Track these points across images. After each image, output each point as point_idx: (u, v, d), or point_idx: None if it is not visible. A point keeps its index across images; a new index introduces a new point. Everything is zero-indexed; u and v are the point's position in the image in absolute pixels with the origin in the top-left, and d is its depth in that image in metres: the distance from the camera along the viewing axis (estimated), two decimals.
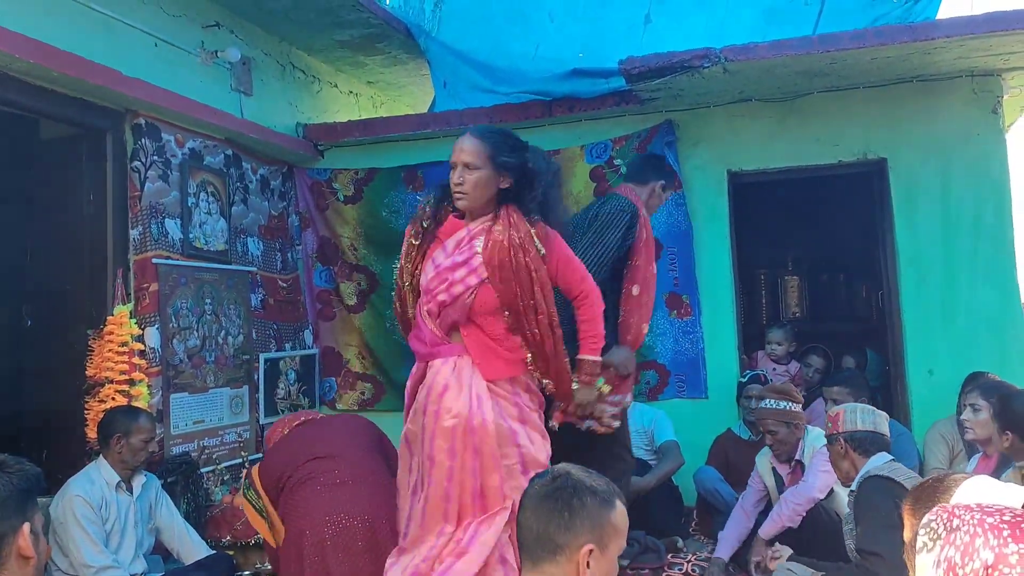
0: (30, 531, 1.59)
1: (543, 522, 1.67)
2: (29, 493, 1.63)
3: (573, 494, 1.68)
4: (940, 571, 1.08)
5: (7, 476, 1.60)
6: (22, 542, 1.57)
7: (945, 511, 1.15)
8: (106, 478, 3.54)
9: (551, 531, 1.67)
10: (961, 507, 1.15)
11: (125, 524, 3.57)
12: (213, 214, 4.72)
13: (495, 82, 5.29)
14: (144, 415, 3.68)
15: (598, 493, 1.70)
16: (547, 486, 1.72)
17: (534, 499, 1.72)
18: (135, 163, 4.24)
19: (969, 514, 1.12)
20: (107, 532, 3.49)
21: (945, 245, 4.69)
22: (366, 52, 5.71)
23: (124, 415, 3.65)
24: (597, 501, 1.69)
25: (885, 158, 4.82)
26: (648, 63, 4.36)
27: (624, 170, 5.08)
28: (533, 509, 1.71)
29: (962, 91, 4.70)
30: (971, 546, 1.07)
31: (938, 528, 1.13)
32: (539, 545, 1.67)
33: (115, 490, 3.55)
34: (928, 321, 4.71)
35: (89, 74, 3.83)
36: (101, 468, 3.56)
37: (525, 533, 1.72)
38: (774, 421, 3.88)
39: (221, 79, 4.85)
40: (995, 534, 1.07)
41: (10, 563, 1.56)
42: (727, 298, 4.99)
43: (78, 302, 4.22)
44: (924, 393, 4.66)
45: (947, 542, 1.10)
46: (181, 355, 4.40)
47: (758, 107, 4.95)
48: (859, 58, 4.27)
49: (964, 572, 1.06)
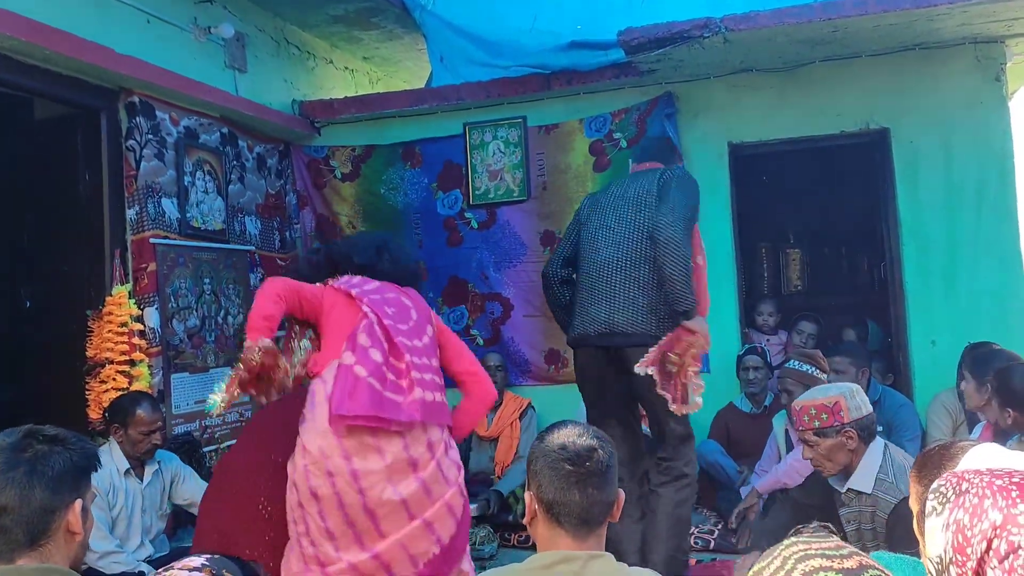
0: (81, 508, 1.63)
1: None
2: (85, 471, 1.67)
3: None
4: (949, 533, 1.08)
5: (68, 452, 1.64)
6: (72, 518, 1.61)
7: (954, 476, 1.15)
8: (116, 463, 3.50)
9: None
10: (970, 471, 1.14)
11: (132, 510, 3.55)
12: (210, 193, 4.68)
13: (492, 56, 5.24)
14: (144, 405, 3.53)
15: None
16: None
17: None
18: (130, 142, 4.20)
19: (978, 477, 1.11)
20: (114, 518, 3.48)
21: (947, 215, 4.66)
22: (361, 27, 5.65)
23: (126, 404, 3.55)
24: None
25: (888, 128, 4.78)
26: (647, 34, 4.31)
27: (624, 143, 5.05)
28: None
29: (965, 59, 4.64)
30: (980, 507, 1.06)
31: (947, 492, 1.13)
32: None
33: (124, 476, 3.51)
34: (930, 292, 4.68)
35: (81, 52, 3.79)
36: (112, 452, 3.50)
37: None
38: (794, 382, 3.90)
39: (215, 56, 4.80)
40: (1004, 495, 1.06)
41: (58, 537, 1.59)
42: (728, 271, 4.96)
43: (77, 283, 4.20)
44: (926, 364, 4.65)
45: (956, 505, 1.10)
46: (181, 335, 4.39)
47: (759, 78, 4.90)
48: (861, 26, 4.21)
49: (972, 533, 1.05)
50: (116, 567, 3.35)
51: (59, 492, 1.59)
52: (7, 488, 1.56)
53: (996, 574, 1.03)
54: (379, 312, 2.69)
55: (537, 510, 1.76)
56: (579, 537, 1.72)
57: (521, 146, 5.21)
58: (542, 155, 5.20)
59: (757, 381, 4.66)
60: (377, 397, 2.52)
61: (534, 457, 1.80)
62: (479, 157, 5.30)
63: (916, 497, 1.74)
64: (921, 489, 1.75)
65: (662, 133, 4.79)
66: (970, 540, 1.06)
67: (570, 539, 1.72)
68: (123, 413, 3.51)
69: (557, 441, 1.77)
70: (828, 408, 2.84)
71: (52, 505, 1.58)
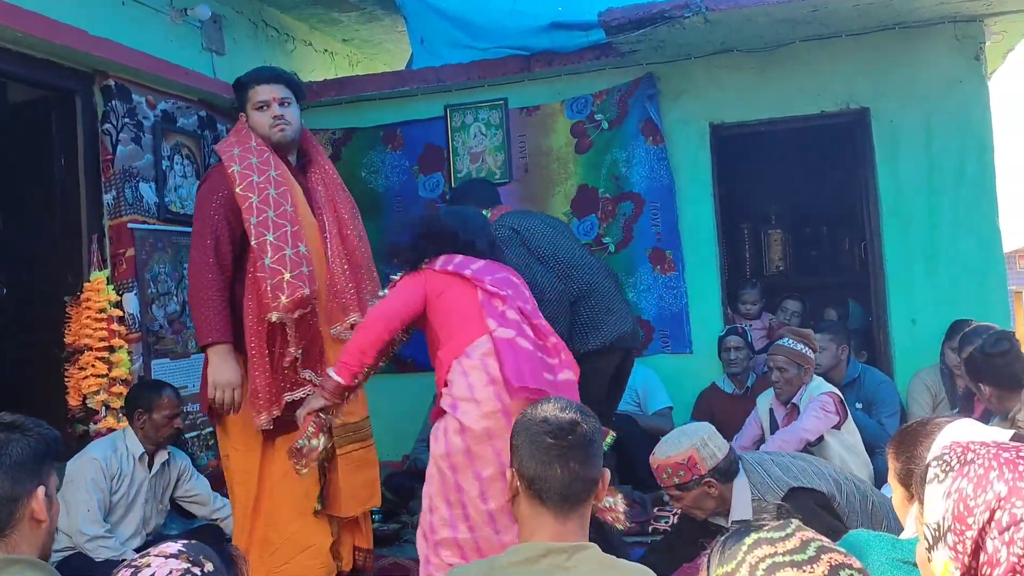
0: (44, 495, 1.60)
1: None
2: (45, 456, 1.63)
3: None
4: (950, 501, 1.08)
5: (25, 438, 1.61)
6: (35, 505, 1.58)
7: (959, 445, 1.14)
8: (130, 448, 3.55)
9: None
10: (976, 442, 1.14)
11: (134, 498, 3.57)
12: (188, 177, 4.63)
13: (473, 37, 5.19)
14: (168, 391, 3.63)
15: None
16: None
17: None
18: (106, 125, 4.14)
19: (984, 448, 1.11)
20: (113, 503, 3.50)
21: (928, 194, 4.68)
22: (340, 8, 5.60)
23: (148, 390, 3.65)
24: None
25: (868, 107, 4.79)
26: (628, 15, 4.29)
27: (605, 125, 5.04)
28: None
29: (944, 37, 4.65)
30: (985, 478, 1.06)
31: (951, 461, 1.12)
32: None
33: (135, 462, 3.55)
34: (911, 271, 4.71)
35: (54, 34, 3.73)
36: (127, 437, 3.57)
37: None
38: (786, 359, 3.90)
39: (192, 38, 4.74)
40: (1010, 468, 1.06)
41: (22, 525, 1.57)
42: (710, 253, 4.97)
43: (54, 269, 4.16)
44: (907, 343, 4.68)
45: (960, 474, 1.09)
46: (161, 321, 4.36)
47: (740, 58, 4.89)
48: (841, 4, 4.21)
49: (976, 503, 1.05)
50: (104, 551, 3.36)
51: (19, 480, 1.56)
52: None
53: (996, 544, 1.03)
54: (503, 291, 2.64)
55: (519, 487, 1.72)
56: (561, 515, 1.67)
57: (502, 128, 5.19)
58: (523, 137, 5.18)
59: (739, 361, 4.68)
60: (541, 371, 2.51)
61: (516, 432, 1.76)
62: (460, 140, 5.26)
63: (894, 472, 1.76)
64: (899, 465, 1.77)
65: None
66: (972, 510, 1.06)
67: (551, 518, 1.67)
68: (147, 399, 3.58)
69: (539, 415, 1.73)
70: (683, 464, 2.75)
71: (13, 494, 1.55)
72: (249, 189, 2.95)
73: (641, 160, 4.98)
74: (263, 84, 3.10)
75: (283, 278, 2.87)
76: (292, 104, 3.16)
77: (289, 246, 2.91)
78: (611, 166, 5.04)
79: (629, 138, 4.99)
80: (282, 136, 3.08)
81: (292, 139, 3.13)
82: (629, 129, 4.99)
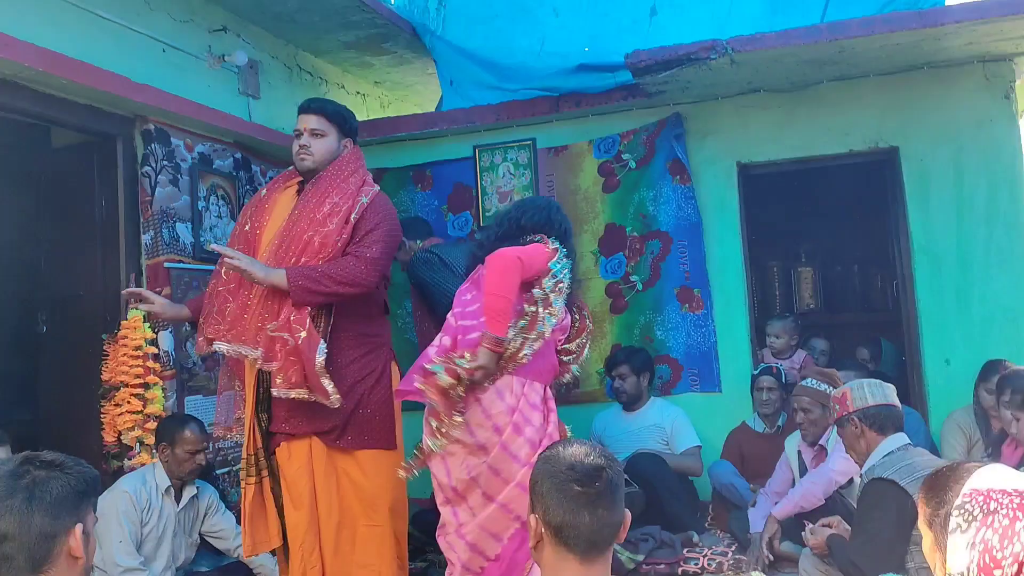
0: (82, 532, 1.64)
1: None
2: (84, 495, 1.68)
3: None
4: (975, 552, 1.07)
5: (65, 476, 1.65)
6: (73, 542, 1.62)
7: (980, 493, 1.13)
8: (158, 481, 3.59)
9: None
10: (997, 490, 1.12)
11: (163, 532, 3.60)
12: (223, 217, 4.73)
13: (501, 79, 5.29)
14: (192, 426, 3.67)
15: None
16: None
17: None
18: (145, 168, 4.26)
19: (1007, 498, 1.10)
20: (144, 536, 3.53)
21: (959, 233, 4.65)
22: (372, 52, 5.72)
23: (172, 424, 3.69)
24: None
25: (897, 146, 4.78)
26: (654, 56, 4.34)
27: (633, 164, 5.08)
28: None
29: (974, 77, 4.65)
30: (1011, 529, 1.05)
31: (973, 510, 1.11)
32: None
33: (163, 496, 3.59)
34: (943, 310, 4.66)
35: (98, 81, 3.85)
36: (156, 470, 3.62)
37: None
38: (811, 400, 3.88)
39: (229, 83, 4.87)
40: None
41: (60, 562, 1.60)
42: (739, 291, 4.96)
43: (92, 307, 4.25)
44: (941, 383, 4.62)
45: (984, 524, 1.08)
46: (195, 358, 4.43)
47: (767, 97, 4.92)
48: (868, 46, 4.23)
49: (1003, 555, 1.04)
50: None
51: (59, 517, 1.60)
52: (6, 515, 1.57)
53: None
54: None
55: (544, 534, 1.69)
56: (587, 560, 1.66)
57: (531, 168, 5.25)
58: (552, 177, 5.23)
59: (771, 402, 4.62)
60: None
61: (539, 478, 1.72)
62: (489, 179, 5.34)
63: (924, 518, 1.73)
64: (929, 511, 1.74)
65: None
66: (1000, 562, 1.04)
67: (577, 563, 1.66)
68: (171, 433, 3.63)
69: (564, 461, 1.70)
70: (839, 399, 3.14)
71: (52, 531, 1.59)
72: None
73: (668, 199, 5.00)
74: (301, 114, 3.32)
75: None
76: (324, 136, 3.29)
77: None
78: (639, 205, 5.07)
79: (656, 177, 5.03)
80: (301, 164, 3.26)
81: (311, 168, 3.26)
82: (656, 168, 5.02)
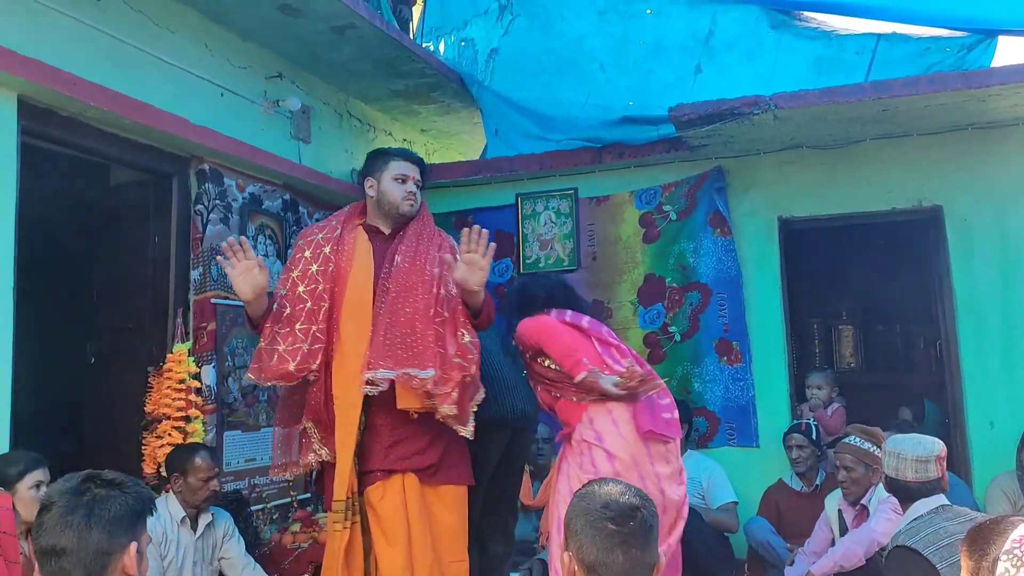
0: (136, 551, 1.68)
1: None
2: (140, 514, 1.72)
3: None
4: None
5: (124, 495, 1.70)
6: (127, 560, 1.66)
7: None
8: (172, 512, 3.60)
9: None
10: None
11: (183, 562, 3.60)
12: (270, 256, 4.85)
13: (545, 129, 5.39)
14: (202, 453, 3.70)
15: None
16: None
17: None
18: (198, 206, 4.39)
19: None
20: (165, 569, 3.53)
21: (1004, 293, 4.59)
22: (420, 101, 5.87)
23: (182, 453, 3.70)
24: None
25: (940, 205, 4.76)
26: (698, 110, 4.41)
27: (673, 216, 5.11)
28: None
29: (1018, 138, 4.64)
30: None
31: (1022, 556, 1.10)
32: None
33: (178, 526, 3.60)
34: (987, 371, 4.59)
35: (159, 122, 4.01)
36: (168, 502, 3.62)
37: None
38: (854, 459, 3.79)
39: (282, 127, 5.03)
40: None
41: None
42: (778, 345, 4.93)
43: (140, 340, 4.35)
44: (985, 446, 4.52)
45: None
46: (235, 393, 4.50)
47: (809, 153, 4.94)
48: (912, 105, 4.25)
49: None
50: None
51: (115, 535, 1.65)
52: (66, 531, 1.62)
53: None
54: (614, 341, 3.27)
55: (577, 572, 1.69)
56: None
57: (572, 217, 5.31)
58: (592, 226, 5.29)
59: (802, 460, 4.52)
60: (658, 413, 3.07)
61: (573, 516, 1.73)
62: (530, 227, 5.40)
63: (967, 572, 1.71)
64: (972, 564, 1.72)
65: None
66: None
67: None
68: (183, 462, 3.64)
69: (599, 500, 1.71)
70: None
71: (108, 548, 1.63)
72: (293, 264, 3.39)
73: (709, 251, 5.02)
74: (408, 162, 3.46)
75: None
76: (421, 189, 3.52)
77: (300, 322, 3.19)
78: (679, 256, 5.09)
79: (697, 229, 5.05)
80: (410, 209, 3.41)
81: (413, 214, 3.44)
82: (697, 220, 5.05)
